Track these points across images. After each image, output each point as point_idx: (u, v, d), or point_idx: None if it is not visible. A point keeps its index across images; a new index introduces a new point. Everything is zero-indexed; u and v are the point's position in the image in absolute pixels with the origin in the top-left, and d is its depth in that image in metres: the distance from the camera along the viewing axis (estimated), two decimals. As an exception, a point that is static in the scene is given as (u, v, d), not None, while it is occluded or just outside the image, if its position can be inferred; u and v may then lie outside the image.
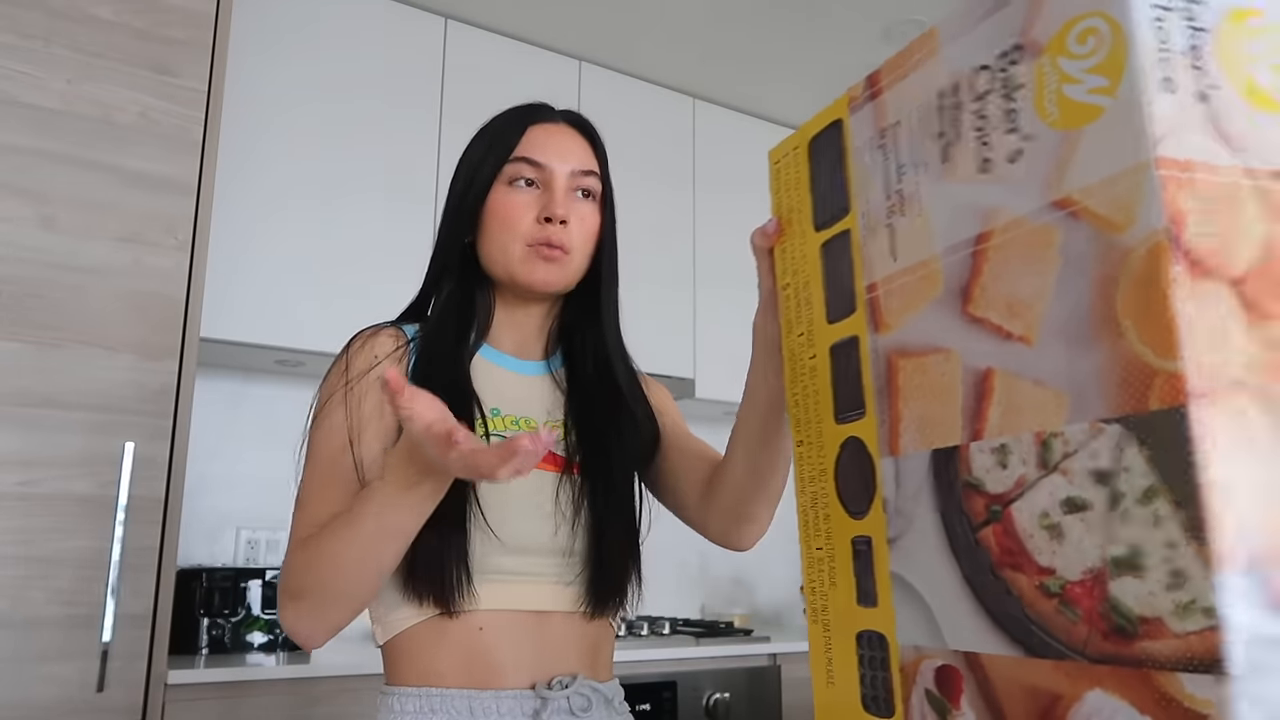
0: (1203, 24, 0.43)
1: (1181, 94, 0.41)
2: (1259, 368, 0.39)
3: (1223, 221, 0.40)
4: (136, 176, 1.75)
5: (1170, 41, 0.42)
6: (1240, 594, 0.36)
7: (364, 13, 2.42)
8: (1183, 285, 0.39)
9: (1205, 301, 0.39)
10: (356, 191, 2.32)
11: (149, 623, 1.64)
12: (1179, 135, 0.40)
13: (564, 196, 0.93)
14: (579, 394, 0.97)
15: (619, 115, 2.78)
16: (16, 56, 1.68)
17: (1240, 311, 0.39)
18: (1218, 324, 0.39)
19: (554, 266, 0.92)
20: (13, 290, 1.63)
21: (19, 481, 1.58)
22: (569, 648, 0.90)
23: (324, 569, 0.78)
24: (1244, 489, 0.37)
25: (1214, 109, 0.41)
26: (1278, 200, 0.41)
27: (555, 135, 0.96)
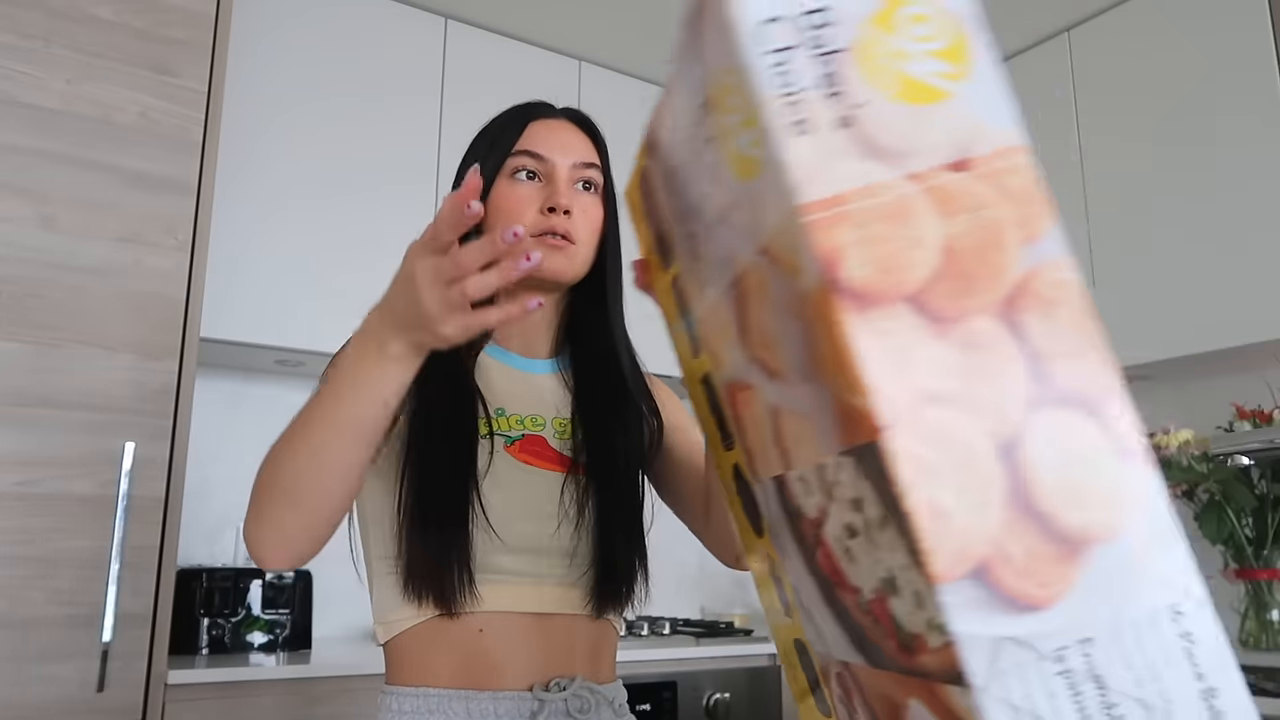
0: (836, 45, 0.42)
1: (820, 131, 0.41)
2: (952, 373, 0.39)
3: (889, 242, 0.40)
4: (136, 177, 1.75)
5: (796, 81, 0.41)
6: (967, 605, 0.36)
7: (364, 13, 2.42)
8: (851, 322, 0.39)
9: (880, 330, 0.39)
10: (357, 191, 2.32)
11: (149, 623, 1.64)
12: (825, 172, 0.40)
13: (566, 187, 0.93)
14: (585, 391, 0.96)
15: (619, 115, 2.77)
16: (16, 56, 1.68)
17: (923, 325, 0.39)
18: (898, 348, 0.39)
19: (561, 255, 0.91)
20: (13, 290, 1.63)
21: (19, 481, 1.58)
22: (570, 649, 0.89)
23: (280, 464, 0.74)
24: (951, 501, 0.37)
25: (863, 129, 0.41)
26: (953, 192, 0.41)
27: (556, 130, 0.97)
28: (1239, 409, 2.20)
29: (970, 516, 0.37)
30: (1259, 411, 2.17)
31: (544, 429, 0.93)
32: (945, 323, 0.39)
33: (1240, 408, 2.20)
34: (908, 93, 0.42)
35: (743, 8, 0.42)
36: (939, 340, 0.39)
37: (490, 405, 0.90)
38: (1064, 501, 0.38)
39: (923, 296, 0.39)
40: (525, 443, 0.91)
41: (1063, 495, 0.38)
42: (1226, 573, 2.18)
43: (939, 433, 0.38)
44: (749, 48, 0.42)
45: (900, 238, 0.40)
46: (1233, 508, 2.11)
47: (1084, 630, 0.37)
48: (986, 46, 0.45)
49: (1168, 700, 0.37)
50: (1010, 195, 0.42)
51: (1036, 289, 0.40)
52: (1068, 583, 0.37)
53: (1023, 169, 0.43)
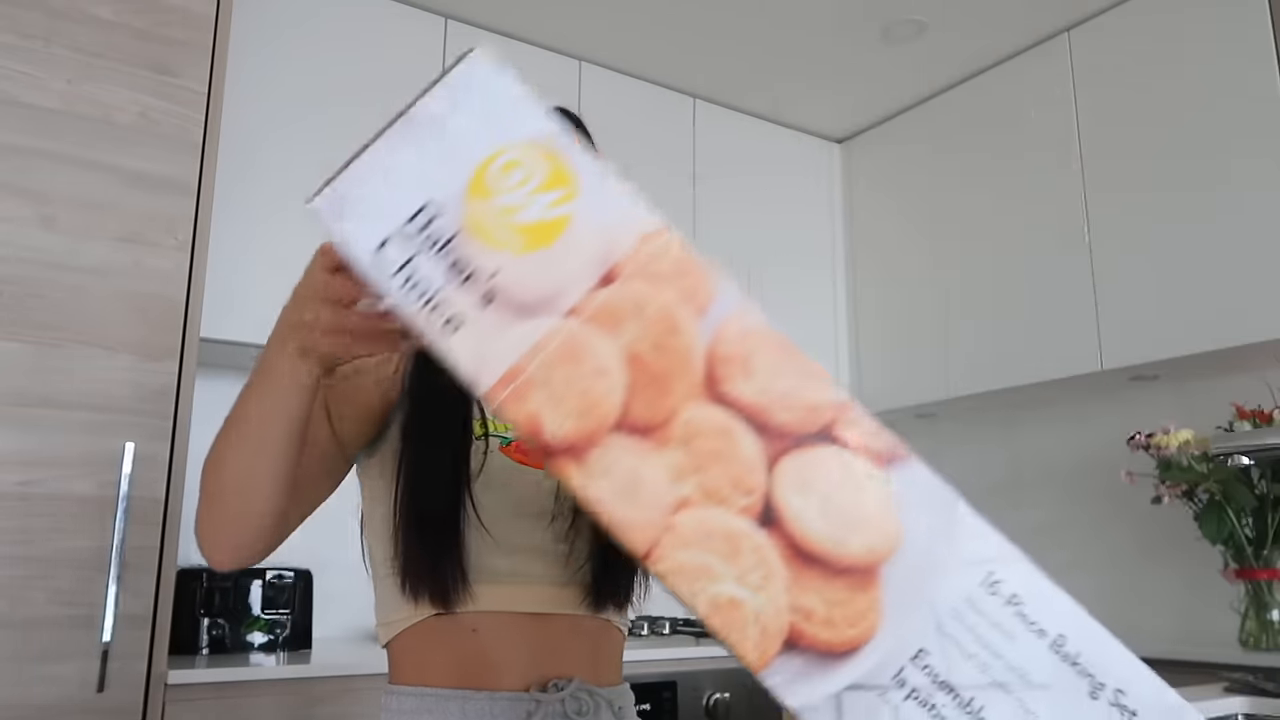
0: (449, 234, 0.43)
1: (468, 320, 0.42)
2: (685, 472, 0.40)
3: (574, 385, 0.40)
4: (136, 177, 1.75)
5: (429, 287, 0.42)
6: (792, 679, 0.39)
7: (364, 13, 2.42)
8: (576, 476, 0.40)
9: (603, 469, 0.40)
10: (356, 191, 2.32)
11: (149, 623, 1.64)
12: (491, 354, 0.41)
13: None
14: None
15: (619, 115, 2.78)
16: (17, 56, 1.68)
17: (640, 443, 0.40)
18: (626, 475, 0.40)
19: None
20: (13, 290, 1.63)
21: (19, 481, 1.58)
22: (569, 650, 0.89)
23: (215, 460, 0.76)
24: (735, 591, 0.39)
25: (505, 296, 0.42)
26: (612, 306, 0.42)
27: None
28: (1239, 409, 2.20)
29: (759, 597, 0.38)
30: (1259, 411, 2.17)
31: None
32: (658, 430, 0.40)
33: (1240, 408, 2.20)
34: (532, 240, 0.43)
35: (354, 246, 0.44)
36: (660, 449, 0.40)
37: (486, 407, 0.90)
38: (837, 536, 0.39)
39: (628, 418, 0.40)
40: (521, 443, 0.92)
41: (833, 531, 0.39)
42: (1226, 573, 2.18)
43: (697, 533, 0.39)
44: (375, 279, 0.43)
45: (583, 376, 0.41)
46: (1233, 508, 2.11)
47: (912, 646, 0.38)
48: (584, 152, 0.45)
49: (1021, 670, 0.37)
50: (666, 277, 0.42)
51: (728, 352, 0.41)
52: (875, 610, 0.38)
53: (668, 247, 0.43)
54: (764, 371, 0.40)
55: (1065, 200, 2.55)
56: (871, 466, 0.40)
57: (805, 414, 0.40)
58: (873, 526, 0.39)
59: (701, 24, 2.62)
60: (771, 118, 3.13)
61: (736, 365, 0.40)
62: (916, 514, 0.39)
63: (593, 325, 0.41)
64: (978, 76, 2.85)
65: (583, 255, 0.42)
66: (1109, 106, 2.48)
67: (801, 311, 3.10)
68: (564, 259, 0.42)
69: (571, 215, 0.43)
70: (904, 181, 3.06)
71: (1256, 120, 2.17)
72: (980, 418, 2.97)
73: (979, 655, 0.37)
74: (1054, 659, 0.38)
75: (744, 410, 0.40)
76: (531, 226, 0.43)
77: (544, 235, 0.43)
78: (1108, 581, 2.59)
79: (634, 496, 0.39)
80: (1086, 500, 2.67)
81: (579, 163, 0.44)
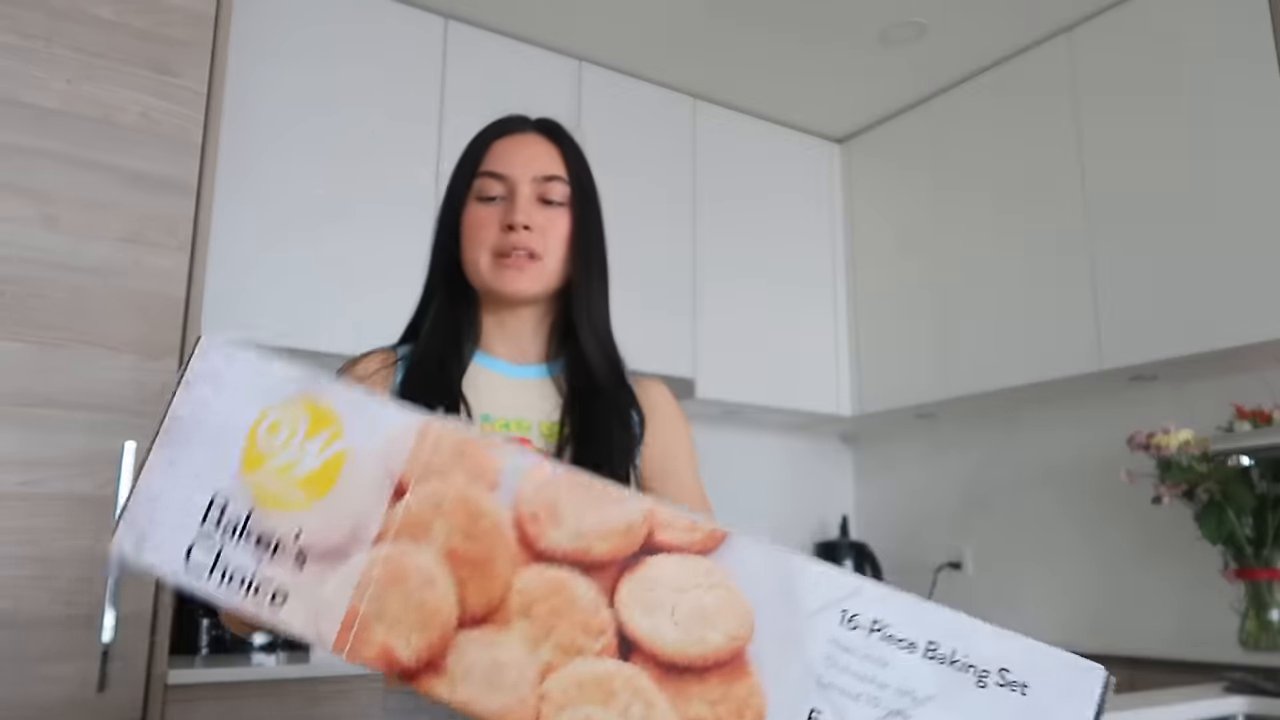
0: (242, 513, 0.45)
1: (290, 588, 0.43)
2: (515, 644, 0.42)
3: (407, 604, 0.42)
4: (137, 177, 1.76)
5: (243, 574, 0.44)
6: None
7: (364, 13, 2.42)
8: (441, 691, 0.42)
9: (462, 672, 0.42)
10: (357, 191, 2.32)
11: (149, 623, 1.65)
12: (323, 607, 0.42)
13: (526, 204, 0.96)
14: (571, 394, 0.99)
15: (619, 115, 2.78)
16: (17, 56, 1.68)
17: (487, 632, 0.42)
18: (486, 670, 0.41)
19: (523, 274, 0.95)
20: (14, 290, 1.63)
21: (20, 481, 1.58)
22: None
23: None
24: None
25: (314, 553, 0.43)
26: (413, 517, 0.43)
27: (519, 145, 0.99)
28: (1239, 409, 2.20)
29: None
30: (1259, 411, 2.17)
31: (530, 432, 0.96)
32: (498, 611, 0.42)
33: (1240, 408, 2.20)
34: (317, 488, 0.44)
35: (163, 570, 0.45)
36: (507, 628, 0.41)
37: (476, 411, 0.94)
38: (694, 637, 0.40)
39: (467, 612, 0.42)
40: None
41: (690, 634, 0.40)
42: (1226, 573, 2.18)
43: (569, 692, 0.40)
44: (197, 590, 0.45)
45: (413, 592, 0.42)
46: (1232, 508, 2.11)
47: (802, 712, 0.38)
48: (336, 386, 0.46)
49: (907, 689, 0.38)
50: (450, 467, 0.44)
51: (532, 511, 0.42)
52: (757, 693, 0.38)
53: (440, 437, 0.44)
54: (570, 515, 0.42)
55: (1065, 200, 2.55)
56: (700, 560, 0.40)
57: (622, 538, 0.41)
58: (724, 615, 0.40)
59: (701, 24, 2.62)
60: (771, 118, 3.13)
61: (544, 520, 0.42)
62: (758, 586, 0.40)
63: (403, 541, 0.43)
64: (978, 76, 2.85)
65: (368, 482, 0.44)
66: (1109, 106, 2.48)
67: (801, 311, 3.10)
68: (353, 493, 0.44)
69: (345, 450, 0.44)
70: (904, 181, 3.06)
71: (1256, 120, 2.17)
72: (980, 418, 2.98)
73: (865, 691, 0.38)
74: (932, 666, 0.38)
75: (567, 559, 0.41)
76: (313, 475, 0.44)
77: (326, 479, 0.44)
78: (1108, 581, 2.59)
79: (500, 683, 0.41)
80: (1086, 500, 2.67)
81: (335, 398, 0.45)
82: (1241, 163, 2.19)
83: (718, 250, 2.92)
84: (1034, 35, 2.65)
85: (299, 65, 2.30)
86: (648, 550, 0.41)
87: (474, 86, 2.54)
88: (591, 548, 0.41)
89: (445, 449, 0.43)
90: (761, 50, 2.75)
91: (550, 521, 0.42)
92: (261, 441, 0.45)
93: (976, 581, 2.94)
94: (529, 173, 0.97)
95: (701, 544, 0.41)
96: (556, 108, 2.97)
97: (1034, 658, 0.37)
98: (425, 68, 2.49)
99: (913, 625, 0.38)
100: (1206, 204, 2.24)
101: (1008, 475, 2.89)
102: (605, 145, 2.82)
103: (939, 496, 3.09)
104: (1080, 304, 2.47)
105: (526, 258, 0.95)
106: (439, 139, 2.45)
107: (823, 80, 2.92)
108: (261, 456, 0.45)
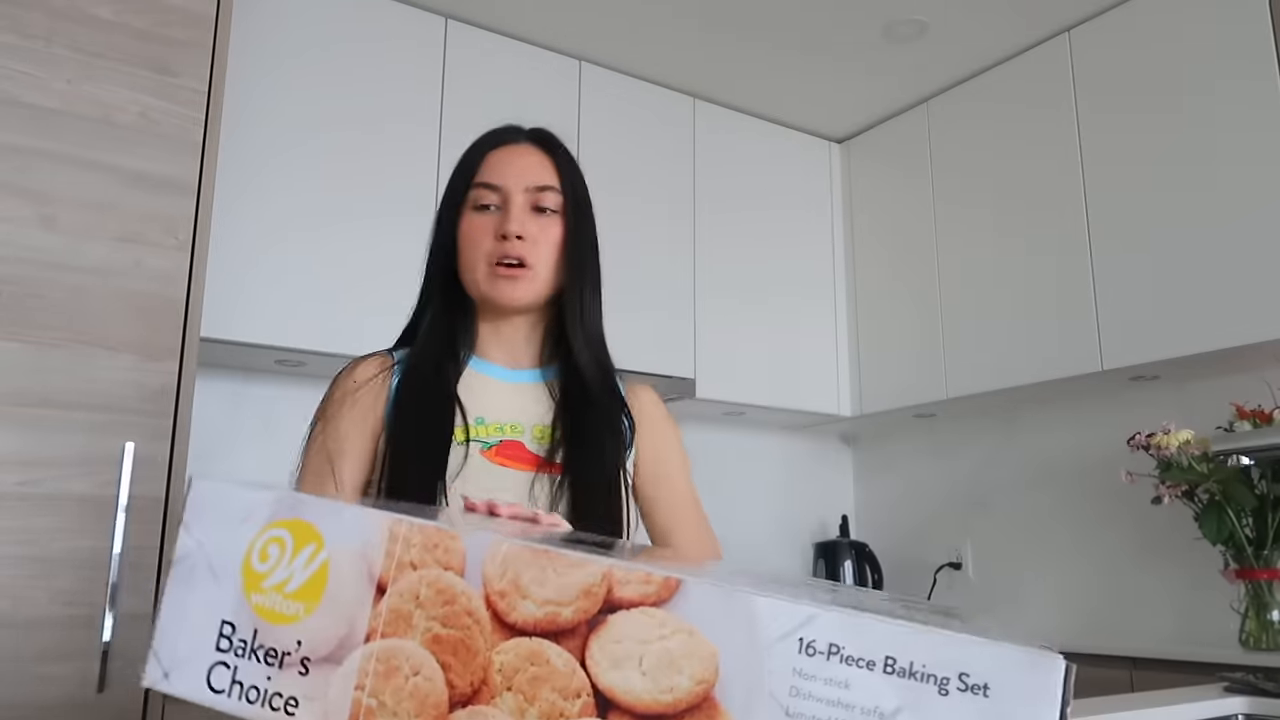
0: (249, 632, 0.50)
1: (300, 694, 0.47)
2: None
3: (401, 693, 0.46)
4: (137, 177, 1.75)
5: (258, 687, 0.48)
6: None
7: (364, 13, 2.42)
8: None
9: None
10: (357, 190, 2.32)
11: (149, 623, 1.64)
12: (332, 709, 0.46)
13: (519, 213, 0.99)
14: (562, 398, 1.03)
15: (619, 115, 2.78)
16: (17, 56, 1.68)
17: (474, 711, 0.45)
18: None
19: (517, 283, 0.98)
20: (13, 290, 1.63)
21: (19, 481, 1.58)
22: None
23: None
24: None
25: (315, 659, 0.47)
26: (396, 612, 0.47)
27: (513, 156, 1.02)
28: (1239, 409, 2.20)
29: None
30: (1259, 411, 2.17)
31: (523, 434, 1.00)
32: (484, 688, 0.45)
33: (1240, 408, 2.20)
34: (309, 599, 0.48)
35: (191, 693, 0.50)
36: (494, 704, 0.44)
37: (470, 414, 0.97)
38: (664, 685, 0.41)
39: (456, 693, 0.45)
40: (502, 447, 0.99)
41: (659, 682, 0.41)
42: (1227, 573, 2.18)
43: None
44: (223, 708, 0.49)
45: (405, 682, 0.45)
46: (1233, 508, 2.11)
47: None
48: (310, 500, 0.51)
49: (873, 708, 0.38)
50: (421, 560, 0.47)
51: (500, 587, 0.45)
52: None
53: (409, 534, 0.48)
54: (534, 586, 0.45)
55: (1065, 200, 2.55)
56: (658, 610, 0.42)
57: (585, 600, 0.44)
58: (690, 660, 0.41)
59: (701, 24, 2.62)
60: (771, 118, 3.13)
61: (511, 594, 0.45)
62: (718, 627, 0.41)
63: (390, 636, 0.47)
64: (978, 76, 2.85)
65: (352, 586, 0.48)
66: (1109, 106, 2.48)
67: (802, 311, 3.10)
68: (340, 599, 0.48)
69: (328, 560, 0.49)
70: (904, 182, 3.06)
71: (1256, 120, 2.17)
72: (980, 418, 2.98)
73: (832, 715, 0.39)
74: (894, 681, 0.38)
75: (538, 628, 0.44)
76: (303, 588, 0.49)
77: (316, 590, 0.49)
78: (1108, 582, 2.59)
79: None
80: (1087, 500, 2.67)
81: (312, 511, 0.50)
82: (1242, 162, 2.19)
83: (718, 250, 2.92)
84: (1034, 35, 2.65)
85: (299, 65, 2.30)
86: (609, 608, 0.43)
87: (474, 86, 2.54)
88: (559, 614, 0.44)
89: (415, 544, 0.48)
90: (762, 50, 2.75)
91: (517, 595, 0.45)
92: (256, 566, 0.51)
93: (977, 581, 2.94)
94: (522, 183, 1.00)
95: (657, 594, 0.43)
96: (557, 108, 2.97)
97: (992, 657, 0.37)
98: (425, 68, 2.49)
99: (868, 644, 0.39)
100: (1207, 204, 2.24)
101: (1008, 475, 2.89)
102: (605, 145, 2.82)
103: (939, 496, 3.09)
104: (1080, 304, 2.47)
105: (519, 266, 0.98)
106: (439, 139, 2.45)
107: (823, 80, 2.91)
108: (258, 578, 0.50)
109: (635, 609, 0.43)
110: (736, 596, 0.41)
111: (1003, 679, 0.36)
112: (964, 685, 0.37)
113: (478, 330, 1.04)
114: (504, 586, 0.45)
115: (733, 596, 0.41)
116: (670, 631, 0.42)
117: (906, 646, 0.38)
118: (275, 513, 0.51)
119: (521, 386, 1.03)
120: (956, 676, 0.37)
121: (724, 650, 0.41)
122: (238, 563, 0.51)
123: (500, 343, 1.04)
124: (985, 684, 0.37)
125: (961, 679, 0.37)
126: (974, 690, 0.37)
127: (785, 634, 0.40)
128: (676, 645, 0.42)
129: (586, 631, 0.44)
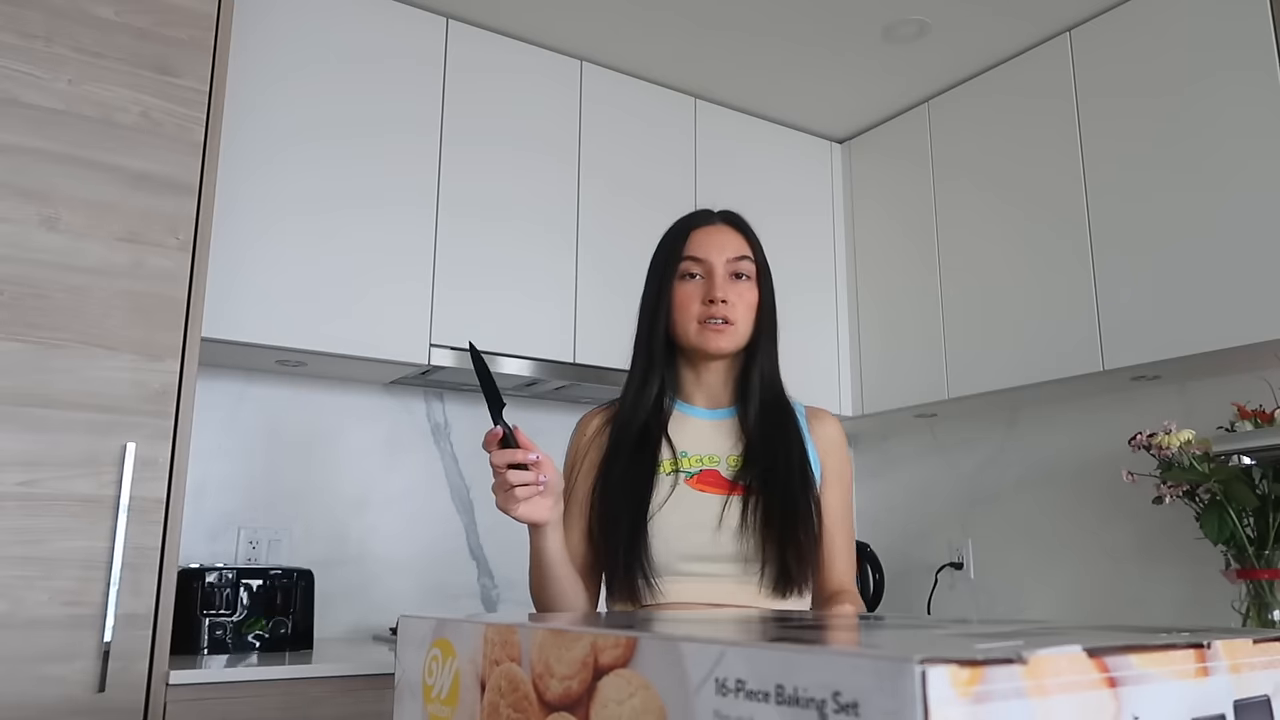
0: None
1: None
2: None
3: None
4: (138, 177, 1.76)
5: None
6: None
7: (364, 12, 2.42)
8: None
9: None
10: (358, 191, 2.32)
11: (150, 623, 1.65)
12: None
13: (723, 281, 1.25)
14: (751, 429, 1.25)
15: (620, 115, 2.78)
16: (18, 56, 1.68)
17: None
18: None
19: (722, 336, 1.24)
20: (14, 290, 1.63)
21: (20, 481, 1.58)
22: None
23: (533, 591, 1.19)
24: None
25: None
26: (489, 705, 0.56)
27: (712, 234, 1.30)
28: (1240, 409, 2.20)
29: None
30: (1260, 411, 2.16)
31: (719, 464, 1.23)
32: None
33: (1241, 407, 2.20)
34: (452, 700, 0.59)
35: None
36: None
37: (676, 448, 1.23)
38: None
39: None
40: (703, 476, 1.22)
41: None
42: (1228, 573, 2.18)
43: None
44: None
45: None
46: (1234, 508, 2.11)
47: None
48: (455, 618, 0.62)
49: None
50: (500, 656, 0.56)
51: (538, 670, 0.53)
52: None
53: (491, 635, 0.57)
54: (554, 664, 0.50)
55: (1066, 200, 2.55)
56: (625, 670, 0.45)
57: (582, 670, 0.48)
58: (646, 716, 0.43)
59: (702, 24, 2.62)
60: (773, 118, 3.13)
61: (545, 676, 0.51)
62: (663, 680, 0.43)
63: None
64: (978, 76, 2.85)
65: (471, 688, 0.57)
66: (1109, 106, 2.48)
67: (802, 312, 3.10)
68: (466, 698, 0.57)
69: (458, 669, 0.59)
70: (904, 181, 3.06)
71: (1256, 121, 2.17)
72: (981, 418, 2.97)
73: None
74: (784, 711, 0.37)
75: (561, 703, 0.49)
76: (449, 695, 0.59)
77: (454, 695, 0.59)
78: (1109, 581, 2.59)
79: None
80: (1087, 500, 2.67)
81: (450, 630, 0.61)
82: (1242, 163, 2.18)
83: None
84: (1034, 35, 2.65)
85: (300, 65, 2.30)
86: (597, 675, 0.47)
87: (475, 86, 2.54)
88: (570, 688, 0.49)
89: (497, 643, 0.55)
90: (763, 50, 2.75)
91: (547, 674, 0.51)
92: (426, 680, 0.62)
93: (977, 581, 2.94)
94: (723, 256, 1.27)
95: (625, 655, 0.45)
96: (558, 107, 2.97)
97: (856, 673, 0.35)
98: (426, 68, 2.49)
99: (763, 674, 0.38)
100: (1208, 204, 2.24)
101: (1009, 475, 2.89)
102: (606, 145, 2.82)
103: (940, 496, 3.08)
104: (1081, 304, 2.46)
105: (725, 323, 1.23)
106: (440, 138, 2.45)
107: (824, 80, 2.91)
108: (429, 690, 0.61)
109: (612, 672, 0.46)
110: (669, 646, 0.42)
111: (868, 693, 0.34)
112: (838, 705, 0.35)
113: (681, 377, 1.28)
114: (540, 669, 0.51)
115: (667, 646, 0.43)
116: (634, 690, 0.44)
117: (792, 671, 0.37)
118: (435, 634, 0.61)
119: (718, 424, 1.26)
120: (831, 698, 0.35)
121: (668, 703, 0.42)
122: (418, 680, 0.62)
123: (701, 386, 1.29)
124: (855, 702, 0.35)
125: (835, 699, 0.35)
126: (847, 710, 0.35)
127: (704, 677, 0.40)
128: (639, 703, 0.44)
129: (588, 700, 0.47)
